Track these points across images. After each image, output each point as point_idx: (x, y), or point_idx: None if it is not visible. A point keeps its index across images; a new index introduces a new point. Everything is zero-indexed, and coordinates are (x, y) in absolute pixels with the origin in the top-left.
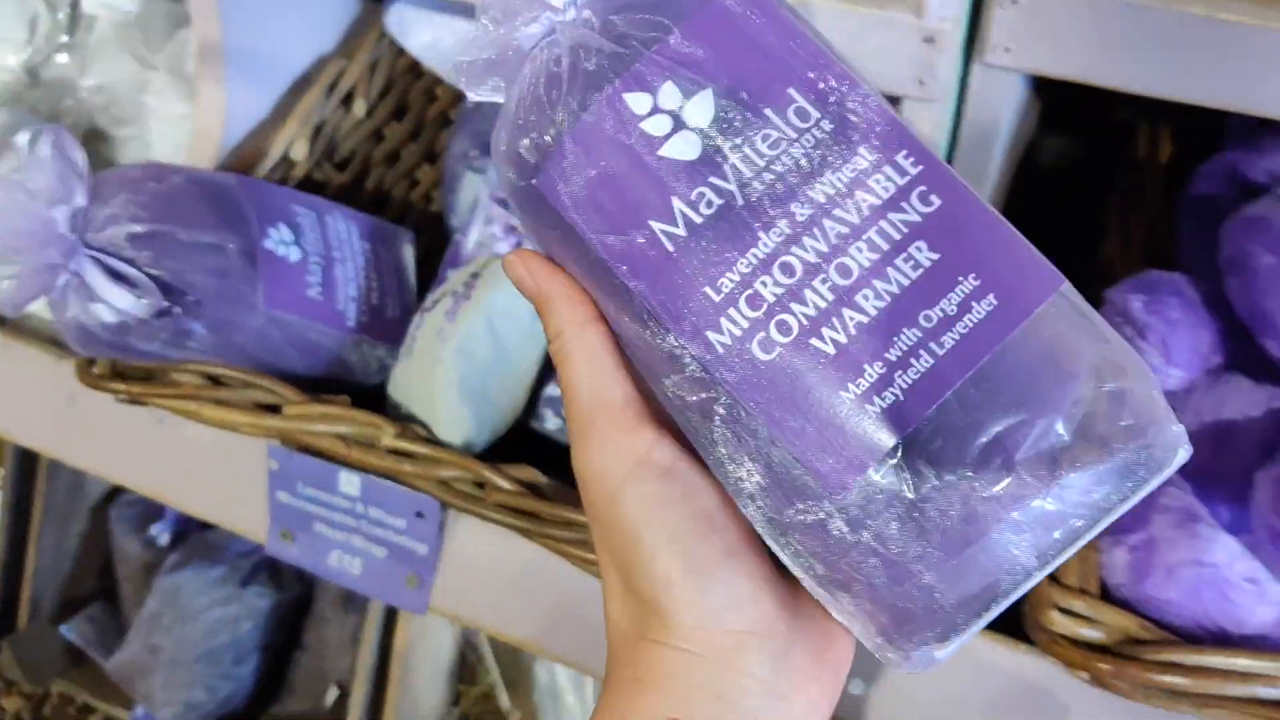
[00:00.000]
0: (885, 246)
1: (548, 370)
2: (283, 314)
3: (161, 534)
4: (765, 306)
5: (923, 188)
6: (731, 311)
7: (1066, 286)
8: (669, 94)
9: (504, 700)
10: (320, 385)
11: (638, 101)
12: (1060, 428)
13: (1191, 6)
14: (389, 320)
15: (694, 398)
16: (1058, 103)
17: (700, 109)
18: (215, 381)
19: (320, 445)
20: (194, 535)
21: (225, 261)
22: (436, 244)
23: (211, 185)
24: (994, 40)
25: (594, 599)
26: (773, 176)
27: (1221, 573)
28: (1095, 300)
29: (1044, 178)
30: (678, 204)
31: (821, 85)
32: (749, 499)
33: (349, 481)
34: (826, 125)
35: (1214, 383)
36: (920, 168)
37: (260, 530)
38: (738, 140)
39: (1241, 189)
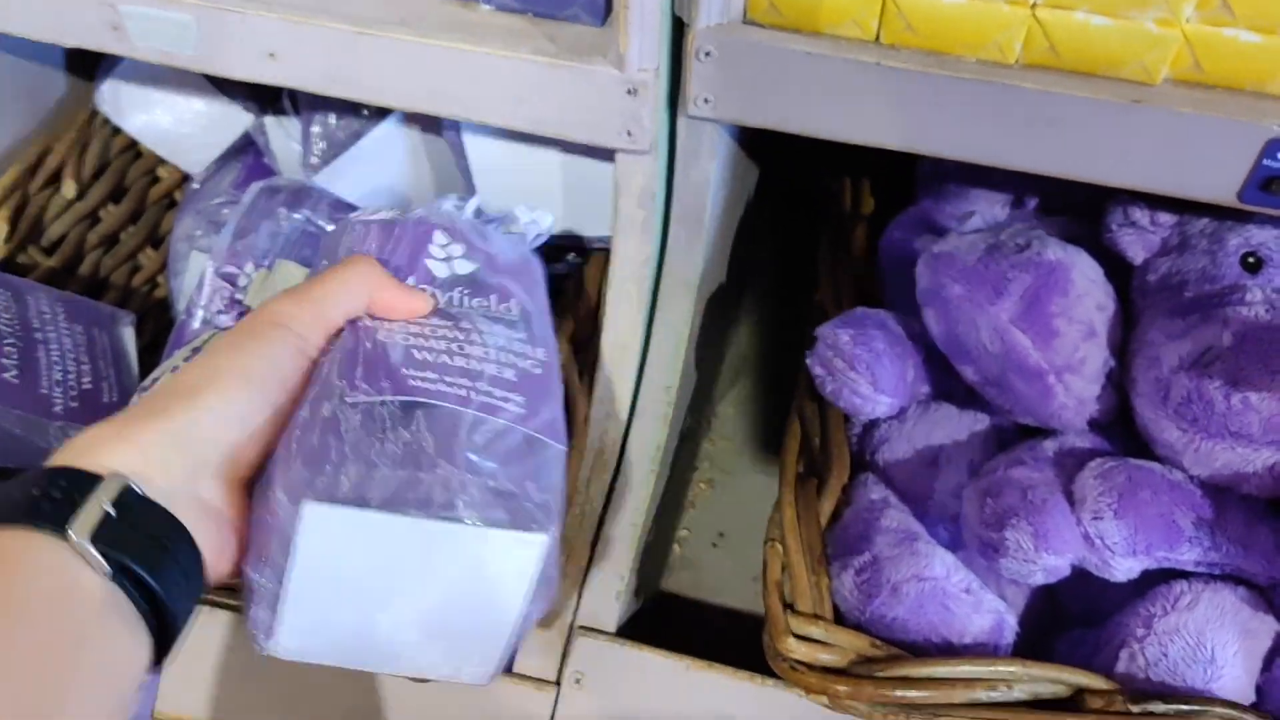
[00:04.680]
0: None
1: None
2: None
3: None
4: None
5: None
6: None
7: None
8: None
9: None
10: None
11: (439, 238)
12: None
13: (863, 55)
14: (104, 406)
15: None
16: (775, 173)
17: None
18: None
19: None
20: None
21: None
22: (164, 329)
23: None
24: (694, 92)
25: None
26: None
27: (941, 585)
28: (808, 339)
29: (765, 243)
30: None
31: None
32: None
33: None
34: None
35: (924, 411)
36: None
37: None
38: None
39: (932, 232)
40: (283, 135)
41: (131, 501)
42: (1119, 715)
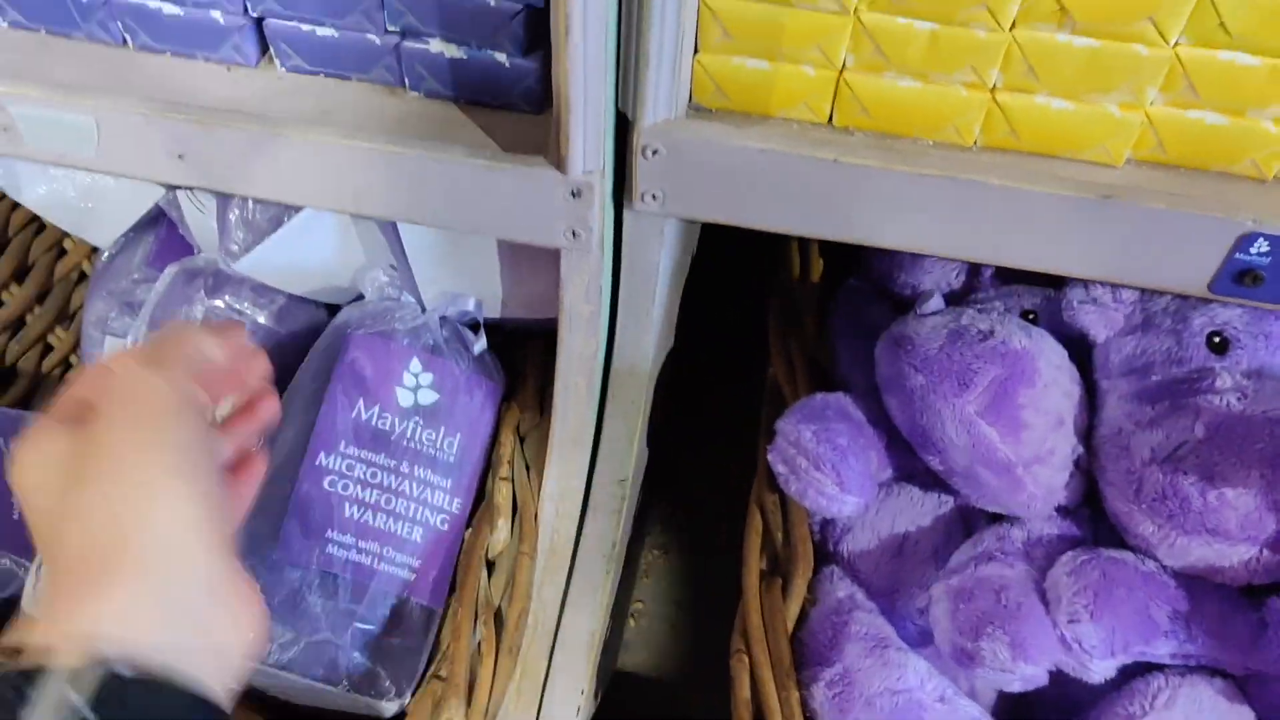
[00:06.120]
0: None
1: None
2: None
3: None
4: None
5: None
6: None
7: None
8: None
9: None
10: None
11: (415, 366)
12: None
13: (821, 152)
14: (15, 522)
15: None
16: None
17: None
18: None
19: None
20: None
21: None
22: None
23: None
24: (641, 188)
25: None
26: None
27: (915, 696)
28: (765, 422)
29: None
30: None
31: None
32: None
33: None
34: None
35: (886, 496)
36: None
37: None
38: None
39: (885, 300)
40: (196, 209)
41: (115, 685)
42: None
